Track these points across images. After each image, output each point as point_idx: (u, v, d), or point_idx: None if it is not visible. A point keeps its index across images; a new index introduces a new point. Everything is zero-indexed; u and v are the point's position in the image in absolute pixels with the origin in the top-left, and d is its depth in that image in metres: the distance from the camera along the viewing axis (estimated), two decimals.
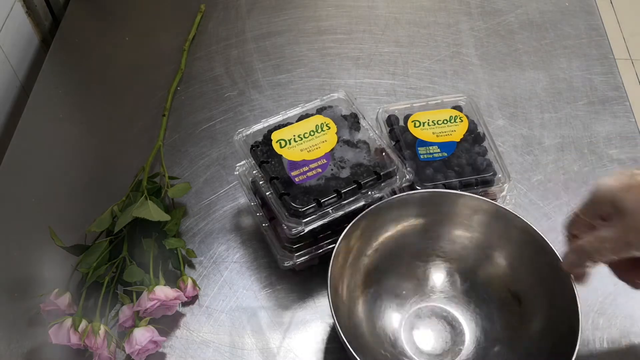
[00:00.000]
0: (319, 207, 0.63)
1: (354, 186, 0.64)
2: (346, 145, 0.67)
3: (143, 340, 0.61)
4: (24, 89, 0.95)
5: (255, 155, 0.68)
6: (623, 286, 0.61)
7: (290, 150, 0.67)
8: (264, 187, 0.66)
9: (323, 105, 0.71)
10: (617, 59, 0.93)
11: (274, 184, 0.65)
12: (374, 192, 0.65)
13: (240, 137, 0.69)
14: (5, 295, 0.70)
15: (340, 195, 0.63)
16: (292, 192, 0.64)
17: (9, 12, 0.93)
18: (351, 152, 0.67)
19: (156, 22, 1.01)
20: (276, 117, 0.71)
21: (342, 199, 0.63)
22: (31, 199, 0.79)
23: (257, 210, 0.70)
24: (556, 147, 0.82)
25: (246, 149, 0.68)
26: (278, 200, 0.64)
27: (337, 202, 0.63)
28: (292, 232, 0.62)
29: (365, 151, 0.67)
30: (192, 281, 0.68)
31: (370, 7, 1.01)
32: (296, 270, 0.70)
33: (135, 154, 0.81)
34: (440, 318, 0.66)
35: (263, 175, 0.66)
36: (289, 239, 0.65)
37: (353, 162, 0.66)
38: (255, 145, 0.68)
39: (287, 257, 0.67)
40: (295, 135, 0.67)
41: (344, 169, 0.65)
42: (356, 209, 0.64)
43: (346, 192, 0.63)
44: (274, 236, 0.68)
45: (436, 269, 0.69)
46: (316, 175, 0.64)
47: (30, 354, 0.65)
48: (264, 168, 0.66)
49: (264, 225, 0.69)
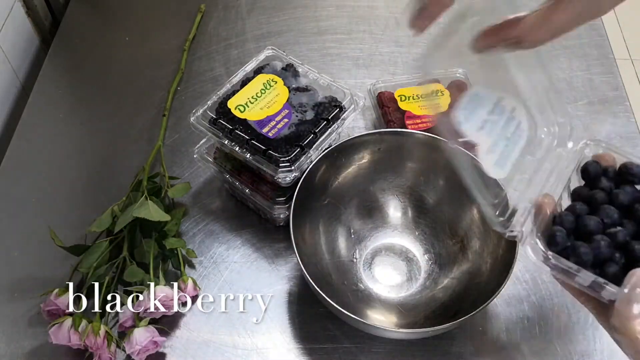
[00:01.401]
0: (302, 150, 0.67)
1: (324, 123, 0.69)
2: (298, 91, 0.72)
3: (143, 340, 0.61)
4: (24, 89, 0.95)
5: (222, 126, 0.69)
6: None
7: (251, 112, 0.69)
8: (240, 153, 0.68)
9: (259, 65, 0.75)
10: (617, 59, 0.93)
11: (252, 144, 0.67)
12: (340, 123, 0.71)
13: (196, 118, 0.71)
14: (5, 295, 0.70)
15: (316, 134, 0.68)
16: (272, 145, 0.67)
17: (9, 12, 0.93)
18: (305, 96, 0.72)
19: (156, 22, 1.01)
20: (220, 90, 0.73)
21: (318, 137, 0.69)
22: (31, 199, 0.79)
23: (234, 181, 0.72)
24: None
25: (207, 126, 0.70)
26: (262, 158, 0.67)
27: (315, 141, 0.68)
28: (287, 181, 0.66)
29: (317, 91, 0.73)
30: (192, 281, 0.68)
31: (370, 7, 1.01)
32: None
33: (135, 154, 0.81)
34: (397, 253, 0.72)
35: (237, 142, 0.68)
36: (278, 192, 0.69)
37: (312, 104, 0.71)
38: (213, 120, 0.70)
39: (282, 210, 0.70)
40: (249, 98, 0.71)
41: (307, 112, 0.70)
42: (330, 144, 0.70)
43: (320, 130, 0.69)
44: (262, 197, 0.70)
45: (390, 203, 0.74)
46: (286, 125, 0.69)
47: (30, 354, 0.65)
48: (235, 135, 0.68)
49: (247, 191, 0.71)
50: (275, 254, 0.73)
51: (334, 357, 0.65)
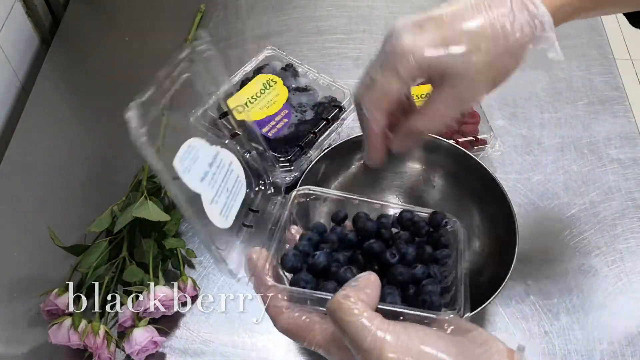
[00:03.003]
0: (302, 150, 0.67)
1: (324, 123, 0.69)
2: (298, 91, 0.72)
3: (143, 340, 0.61)
4: (24, 89, 0.95)
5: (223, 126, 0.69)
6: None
7: (250, 112, 0.70)
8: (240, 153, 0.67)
9: (259, 65, 0.76)
10: (617, 59, 0.93)
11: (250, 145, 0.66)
12: (340, 123, 0.71)
13: (195, 119, 0.71)
14: (5, 295, 0.70)
15: (315, 134, 0.68)
16: (271, 146, 0.67)
17: (9, 12, 0.93)
18: (305, 96, 0.72)
19: (156, 22, 1.01)
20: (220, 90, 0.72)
21: (317, 137, 0.69)
22: (31, 199, 0.79)
23: None
24: (556, 147, 0.82)
25: (207, 126, 0.70)
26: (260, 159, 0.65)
27: (315, 141, 0.69)
28: (286, 180, 0.66)
29: (316, 91, 0.73)
30: (192, 281, 0.68)
31: (370, 7, 1.01)
32: None
33: (135, 154, 0.80)
34: None
35: (237, 142, 0.68)
36: None
37: (312, 104, 0.71)
38: (213, 121, 0.70)
39: None
40: (248, 98, 0.71)
41: (307, 112, 0.71)
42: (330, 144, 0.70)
43: (320, 130, 0.69)
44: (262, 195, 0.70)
45: None
46: (285, 125, 0.69)
47: (30, 354, 0.65)
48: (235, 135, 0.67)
49: None
50: None
51: None
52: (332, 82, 0.73)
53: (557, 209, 0.76)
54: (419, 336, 0.40)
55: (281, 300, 0.45)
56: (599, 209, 0.76)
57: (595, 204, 0.76)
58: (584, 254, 0.72)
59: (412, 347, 0.39)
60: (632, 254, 0.72)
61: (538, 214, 0.75)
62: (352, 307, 0.40)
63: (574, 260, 0.71)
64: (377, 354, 0.39)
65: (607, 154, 0.81)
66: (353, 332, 0.40)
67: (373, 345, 0.39)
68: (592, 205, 0.76)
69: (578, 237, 0.73)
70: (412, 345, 0.39)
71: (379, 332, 0.39)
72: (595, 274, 0.70)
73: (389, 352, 0.39)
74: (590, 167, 0.80)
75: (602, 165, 0.80)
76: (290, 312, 0.45)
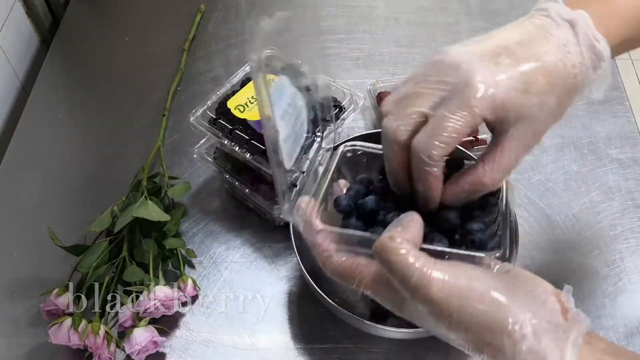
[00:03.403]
0: (302, 150, 0.66)
1: (324, 123, 0.68)
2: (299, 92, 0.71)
3: (143, 340, 0.61)
4: (24, 89, 0.95)
5: (222, 126, 0.69)
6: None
7: (250, 112, 0.69)
8: (240, 153, 0.67)
9: None
10: (617, 59, 0.93)
11: (252, 144, 0.67)
12: (340, 123, 0.71)
13: (196, 118, 0.70)
14: (5, 295, 0.70)
15: (316, 135, 0.67)
16: None
17: (9, 12, 0.93)
18: (306, 96, 0.70)
19: (156, 22, 1.01)
20: (220, 90, 0.73)
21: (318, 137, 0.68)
22: (31, 199, 0.79)
23: (234, 181, 0.71)
24: (556, 147, 0.82)
25: (206, 126, 0.70)
26: (262, 158, 0.66)
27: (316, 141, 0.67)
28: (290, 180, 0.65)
29: (317, 92, 0.72)
30: (192, 281, 0.68)
31: (370, 7, 1.01)
32: None
33: (135, 154, 0.81)
34: None
35: (237, 142, 0.68)
36: None
37: (312, 104, 0.70)
38: (213, 120, 0.70)
39: None
40: (249, 98, 0.70)
41: (308, 112, 0.70)
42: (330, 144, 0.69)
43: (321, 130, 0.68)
44: (262, 197, 0.70)
45: None
46: None
47: (30, 354, 0.65)
48: (235, 135, 0.68)
49: (246, 191, 0.70)
50: (275, 254, 0.73)
51: (333, 357, 0.65)
52: (332, 82, 0.73)
53: (557, 209, 0.76)
54: (466, 273, 0.40)
55: (330, 244, 0.46)
56: (599, 209, 0.76)
57: (595, 203, 0.76)
58: (583, 254, 0.72)
59: (459, 283, 0.39)
60: (632, 254, 0.72)
61: (538, 214, 0.75)
62: (397, 247, 0.41)
63: (574, 260, 0.71)
64: (424, 292, 0.39)
65: (607, 154, 0.81)
66: (400, 271, 0.40)
67: (420, 283, 0.40)
68: (592, 205, 0.76)
69: (578, 237, 0.73)
70: (459, 282, 0.40)
71: (426, 268, 0.40)
72: (595, 274, 0.70)
73: (437, 288, 0.39)
74: (590, 167, 0.80)
75: (602, 165, 0.80)
76: (339, 256, 0.45)
